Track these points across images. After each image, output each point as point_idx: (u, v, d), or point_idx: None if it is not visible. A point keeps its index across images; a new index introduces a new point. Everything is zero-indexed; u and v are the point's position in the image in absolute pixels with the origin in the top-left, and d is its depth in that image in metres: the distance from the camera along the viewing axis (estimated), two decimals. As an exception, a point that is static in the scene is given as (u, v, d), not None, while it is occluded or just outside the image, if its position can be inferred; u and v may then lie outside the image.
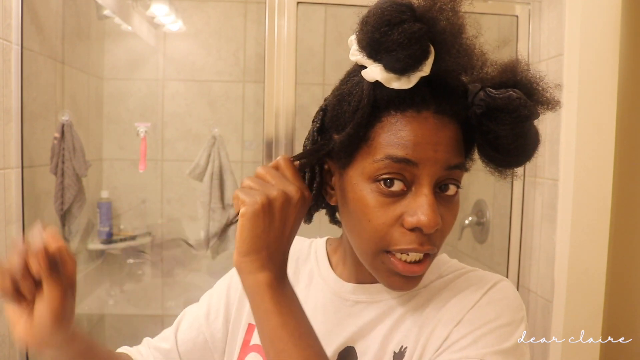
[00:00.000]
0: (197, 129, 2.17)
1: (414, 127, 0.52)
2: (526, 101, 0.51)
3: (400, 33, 0.48)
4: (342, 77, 0.59)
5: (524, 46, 1.44)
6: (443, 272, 0.62)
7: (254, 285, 0.51)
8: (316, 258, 0.70)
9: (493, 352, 0.52)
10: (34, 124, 1.42)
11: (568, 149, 1.27)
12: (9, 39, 1.24)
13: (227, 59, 2.18)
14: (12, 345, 1.27)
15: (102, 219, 1.96)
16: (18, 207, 1.29)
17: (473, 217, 1.82)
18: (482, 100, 0.52)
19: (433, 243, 0.54)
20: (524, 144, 0.53)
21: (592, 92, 1.24)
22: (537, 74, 0.55)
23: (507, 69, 0.54)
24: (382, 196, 0.53)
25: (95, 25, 2.06)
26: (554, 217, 1.32)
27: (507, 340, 0.54)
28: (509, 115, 0.51)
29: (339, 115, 0.56)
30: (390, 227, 0.53)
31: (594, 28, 1.24)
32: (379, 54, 0.50)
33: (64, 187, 1.55)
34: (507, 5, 1.46)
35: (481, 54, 0.55)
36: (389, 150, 0.52)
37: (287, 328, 0.49)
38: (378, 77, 0.51)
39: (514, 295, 0.59)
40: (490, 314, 0.55)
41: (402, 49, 0.48)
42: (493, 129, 0.52)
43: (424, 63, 0.50)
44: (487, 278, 0.60)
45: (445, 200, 0.55)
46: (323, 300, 0.65)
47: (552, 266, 1.33)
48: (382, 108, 0.53)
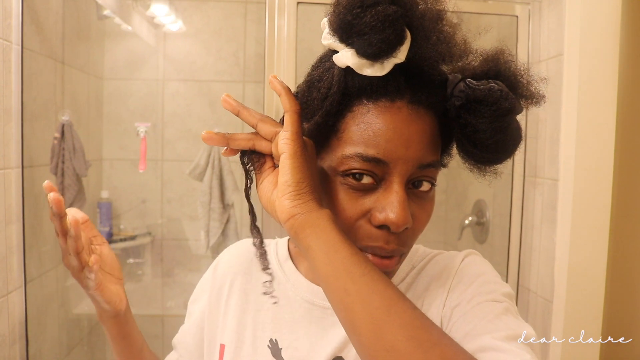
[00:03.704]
0: (197, 129, 2.17)
1: (387, 119, 0.48)
2: (507, 94, 0.48)
3: (373, 15, 0.44)
4: (314, 62, 0.56)
5: (524, 46, 1.44)
6: (415, 262, 0.62)
7: (318, 220, 0.46)
8: (278, 261, 0.66)
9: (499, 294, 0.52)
10: (34, 124, 1.42)
11: (568, 149, 1.27)
12: (9, 39, 1.24)
13: (227, 59, 2.18)
14: (12, 345, 1.27)
15: (102, 219, 1.97)
16: (18, 207, 1.29)
17: (473, 217, 1.82)
18: (462, 92, 0.49)
19: (402, 242, 0.51)
20: (503, 140, 0.50)
21: (592, 92, 1.24)
22: (521, 65, 0.52)
23: (489, 59, 0.51)
24: (351, 189, 0.50)
25: (95, 25, 2.06)
26: (554, 217, 1.32)
27: (503, 287, 0.54)
28: (488, 108, 0.48)
29: (309, 103, 0.52)
30: (357, 221, 0.51)
31: (594, 28, 1.23)
32: (351, 38, 0.47)
33: (64, 187, 1.55)
34: (507, 5, 1.46)
35: (463, 43, 0.51)
36: (359, 147, 0.49)
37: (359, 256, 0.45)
38: (349, 63, 0.48)
39: (483, 260, 0.60)
40: (473, 272, 0.56)
41: (375, 32, 0.45)
42: (471, 122, 0.49)
43: (398, 49, 0.47)
44: (454, 254, 0.61)
45: (419, 197, 0.52)
46: (301, 311, 0.61)
47: (552, 266, 1.33)
48: (353, 96, 0.50)
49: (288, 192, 0.47)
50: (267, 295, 0.64)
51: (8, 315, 1.25)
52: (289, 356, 0.60)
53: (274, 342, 0.61)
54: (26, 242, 1.31)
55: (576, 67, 1.24)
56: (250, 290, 0.66)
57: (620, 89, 1.25)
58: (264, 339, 0.62)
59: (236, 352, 0.62)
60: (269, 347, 0.61)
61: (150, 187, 2.17)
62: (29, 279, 1.34)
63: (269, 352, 0.61)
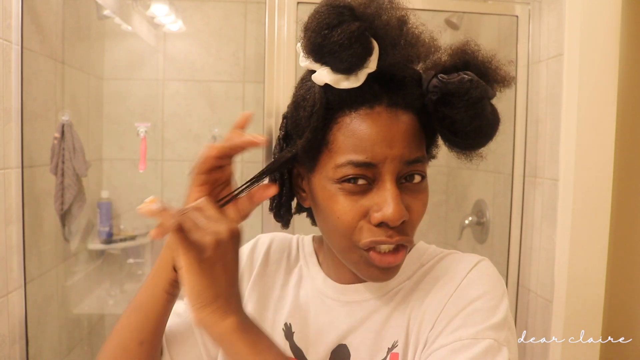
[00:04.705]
0: (197, 129, 2.17)
1: (369, 124, 0.53)
2: (478, 82, 0.52)
3: (340, 34, 0.49)
4: (297, 84, 0.60)
5: (524, 46, 1.44)
6: (424, 260, 0.64)
7: (223, 335, 0.48)
8: (304, 256, 0.71)
9: (484, 328, 0.53)
10: (34, 124, 1.42)
11: (568, 149, 1.27)
12: (9, 39, 1.24)
13: (227, 59, 2.18)
14: (12, 345, 1.27)
15: (102, 219, 1.96)
16: (18, 207, 1.29)
17: (473, 217, 1.81)
18: (435, 87, 0.53)
19: (403, 233, 0.55)
20: (480, 125, 0.54)
21: (592, 92, 1.24)
22: (487, 52, 0.55)
23: (456, 52, 0.55)
24: (348, 193, 0.54)
25: (95, 25, 2.06)
26: (554, 217, 1.32)
27: (495, 315, 0.54)
28: (461, 99, 0.52)
29: (297, 122, 0.57)
30: (358, 222, 0.54)
31: (594, 28, 1.23)
32: (324, 57, 0.51)
33: (64, 187, 1.55)
34: (507, 5, 1.46)
35: (430, 41, 0.55)
36: (349, 155, 0.53)
37: None
38: (327, 80, 0.52)
39: (492, 272, 0.60)
40: (472, 294, 0.56)
41: (343, 49, 0.49)
42: (448, 114, 0.53)
43: (368, 60, 0.51)
44: (465, 259, 0.61)
45: (412, 189, 0.56)
46: (314, 301, 0.66)
47: (552, 266, 1.33)
48: (336, 109, 0.54)
49: (192, 303, 0.48)
50: (291, 284, 0.68)
51: (8, 315, 1.25)
52: (299, 340, 0.64)
53: (288, 326, 0.66)
54: (26, 242, 1.31)
55: (576, 67, 1.24)
56: (278, 276, 0.70)
57: (620, 89, 1.25)
58: (280, 322, 0.66)
59: None
60: (283, 330, 0.66)
61: (150, 187, 2.17)
62: (29, 279, 1.34)
63: (283, 335, 0.65)
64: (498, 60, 0.55)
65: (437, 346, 0.54)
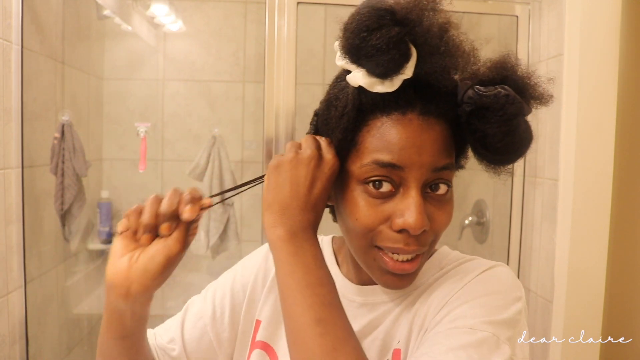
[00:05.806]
0: (197, 129, 2.17)
1: (399, 130, 0.52)
2: (514, 98, 0.50)
3: (378, 38, 0.48)
4: (331, 82, 0.60)
5: (524, 46, 1.45)
6: (444, 265, 0.62)
7: (271, 237, 0.54)
8: None
9: (484, 321, 0.51)
10: (34, 124, 1.42)
11: (568, 149, 1.27)
12: (9, 39, 1.24)
13: (227, 59, 2.18)
14: (12, 345, 1.27)
15: (102, 219, 1.96)
16: (18, 207, 1.29)
17: (473, 217, 1.81)
18: (470, 99, 0.51)
19: (422, 243, 0.54)
20: (512, 142, 0.53)
21: (592, 92, 1.24)
22: (528, 68, 0.54)
23: (497, 65, 0.53)
24: (371, 197, 0.54)
25: (95, 25, 2.06)
26: (554, 217, 1.32)
27: (500, 314, 0.53)
28: (495, 114, 0.50)
29: (328, 120, 0.57)
30: (378, 226, 0.54)
31: (594, 28, 1.23)
32: (360, 60, 0.51)
33: (64, 187, 1.55)
34: (507, 5, 1.46)
35: (471, 51, 0.54)
36: (375, 155, 0.53)
37: (294, 276, 0.51)
38: (361, 82, 0.51)
39: (507, 277, 0.58)
40: (480, 291, 0.55)
41: (381, 53, 0.48)
42: (480, 128, 0.52)
43: (405, 66, 0.50)
44: (483, 263, 0.60)
45: (437, 200, 0.55)
46: None
47: (552, 266, 1.33)
48: (367, 112, 0.54)
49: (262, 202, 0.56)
50: None
51: (8, 315, 1.25)
52: None
53: None
54: (26, 242, 1.31)
55: (576, 67, 1.24)
56: None
57: (620, 89, 1.25)
58: None
59: (269, 328, 0.68)
60: None
61: (150, 187, 2.17)
62: (29, 279, 1.34)
63: None
64: (538, 77, 0.54)
65: (433, 333, 0.53)
